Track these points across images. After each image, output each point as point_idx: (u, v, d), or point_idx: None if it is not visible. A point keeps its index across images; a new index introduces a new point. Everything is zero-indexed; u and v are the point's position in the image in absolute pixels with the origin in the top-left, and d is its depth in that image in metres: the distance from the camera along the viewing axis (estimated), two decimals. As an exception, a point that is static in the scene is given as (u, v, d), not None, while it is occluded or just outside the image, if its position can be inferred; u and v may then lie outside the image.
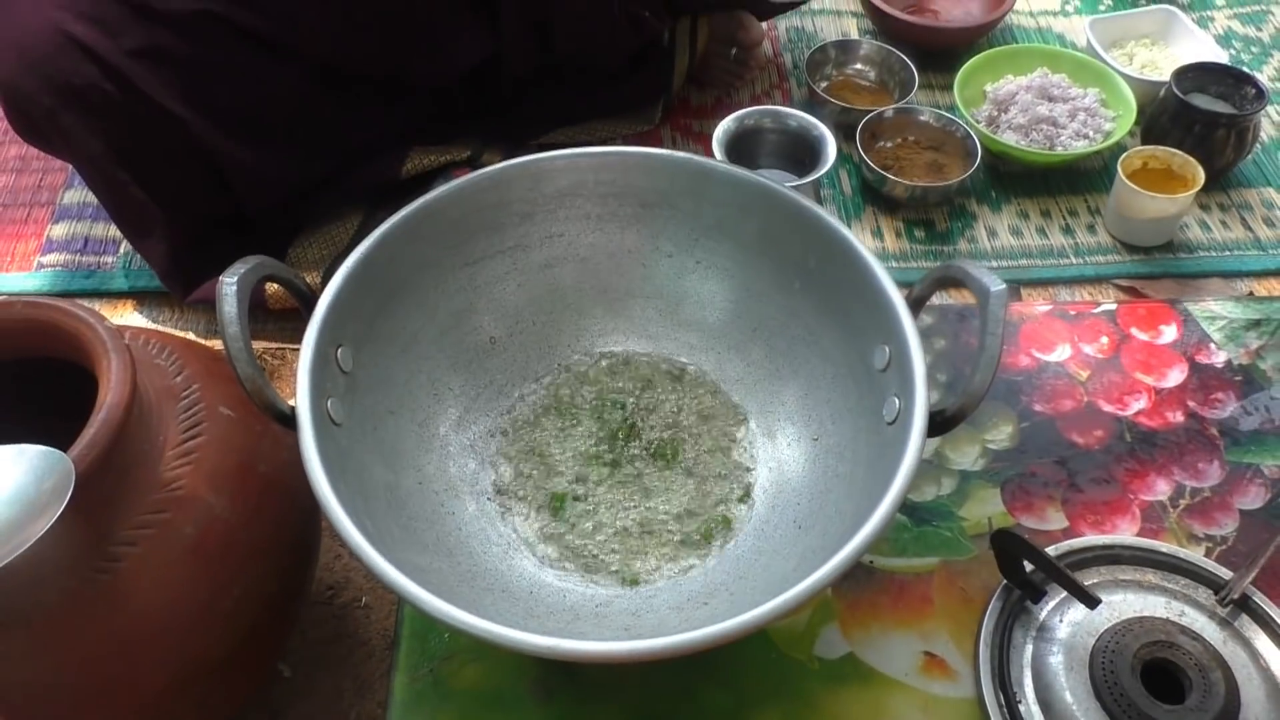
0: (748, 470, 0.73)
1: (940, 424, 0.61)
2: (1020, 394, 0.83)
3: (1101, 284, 1.08)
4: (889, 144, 1.17)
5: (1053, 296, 1.06)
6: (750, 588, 0.64)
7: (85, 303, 1.04)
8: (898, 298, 0.64)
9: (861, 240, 0.68)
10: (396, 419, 0.70)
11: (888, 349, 0.65)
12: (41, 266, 1.08)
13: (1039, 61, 1.23)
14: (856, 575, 0.72)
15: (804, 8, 1.36)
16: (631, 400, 0.76)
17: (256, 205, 1.00)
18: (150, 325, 1.03)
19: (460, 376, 0.75)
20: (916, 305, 0.65)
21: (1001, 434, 0.81)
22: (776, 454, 0.73)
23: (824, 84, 1.25)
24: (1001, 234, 1.12)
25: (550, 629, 0.61)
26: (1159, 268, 1.09)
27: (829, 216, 0.69)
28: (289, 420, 0.59)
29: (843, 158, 1.18)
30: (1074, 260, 1.10)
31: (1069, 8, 1.40)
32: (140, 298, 1.06)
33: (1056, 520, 0.76)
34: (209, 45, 0.91)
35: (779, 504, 0.70)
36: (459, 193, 0.72)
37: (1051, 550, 0.71)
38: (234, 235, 1.01)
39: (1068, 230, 1.13)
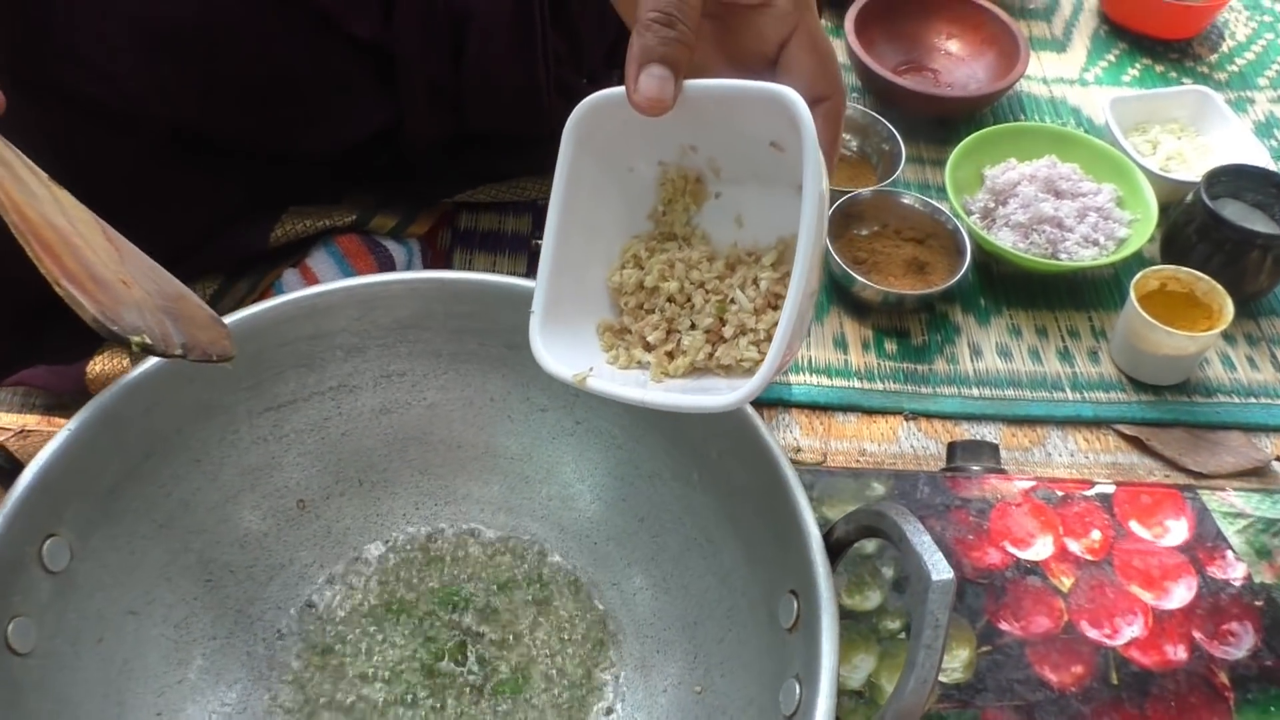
0: (605, 715, 0.55)
1: (851, 743, 0.43)
2: (984, 604, 0.65)
3: (1100, 428, 0.90)
4: (865, 232, 0.99)
5: (1041, 440, 0.88)
6: None
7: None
8: (814, 533, 0.47)
9: (821, 349, 0.51)
10: (139, 622, 0.52)
11: (796, 602, 0.47)
12: None
13: (1048, 146, 1.04)
14: None
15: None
16: (475, 600, 0.58)
17: None
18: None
19: (249, 554, 0.57)
20: (837, 551, 0.47)
21: (955, 660, 0.63)
22: (648, 700, 0.55)
23: (797, 149, 1.07)
24: (987, 353, 0.95)
25: None
26: (1170, 413, 0.91)
27: (747, 409, 0.51)
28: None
29: (809, 242, 1.00)
30: (1070, 395, 0.92)
31: (1088, 76, 1.22)
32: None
33: (1013, 791, 0.59)
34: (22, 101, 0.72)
35: (639, 781, 0.52)
36: (257, 322, 0.54)
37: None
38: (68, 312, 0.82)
39: (1065, 355, 0.95)
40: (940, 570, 0.40)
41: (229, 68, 0.73)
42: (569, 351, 0.46)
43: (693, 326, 0.46)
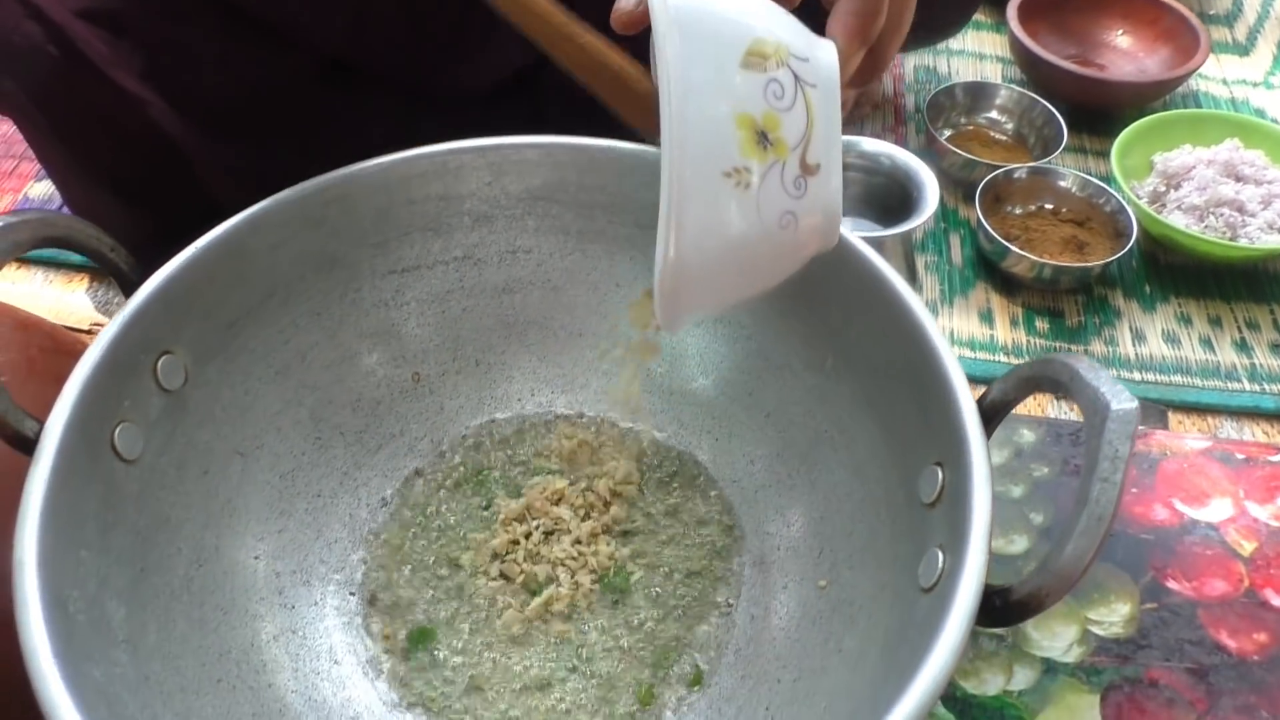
0: (724, 612, 0.51)
1: (1002, 609, 0.37)
2: (1148, 560, 0.58)
3: (1282, 422, 0.81)
4: (1018, 210, 0.93)
5: (1213, 430, 0.80)
6: (675, 805, 0.42)
7: (39, 272, 0.91)
8: (966, 399, 0.42)
9: (965, 320, 0.45)
10: (246, 465, 0.51)
11: (941, 473, 0.42)
12: (7, 227, 0.96)
13: (1229, 132, 0.97)
14: (862, 795, 0.49)
15: (938, 46, 1.14)
16: (588, 490, 0.55)
17: (228, 197, 0.83)
18: (88, 304, 0.88)
19: (361, 419, 0.55)
20: (994, 414, 0.42)
21: (1114, 614, 0.56)
22: (765, 596, 0.50)
23: (948, 132, 1.03)
24: (1151, 339, 0.87)
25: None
26: (1365, 411, 0.81)
27: (885, 267, 0.47)
28: (27, 444, 0.41)
29: (957, 221, 0.95)
30: (1248, 386, 0.83)
31: (1275, 80, 1.14)
32: (95, 274, 0.91)
33: (1181, 761, 0.51)
34: (180, 20, 0.75)
35: (751, 675, 0.47)
36: (388, 174, 0.53)
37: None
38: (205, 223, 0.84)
39: (1243, 347, 0.86)
40: (1121, 399, 0.35)
41: None
42: None
43: None
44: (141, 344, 0.45)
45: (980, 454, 0.40)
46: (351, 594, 0.51)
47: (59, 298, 0.87)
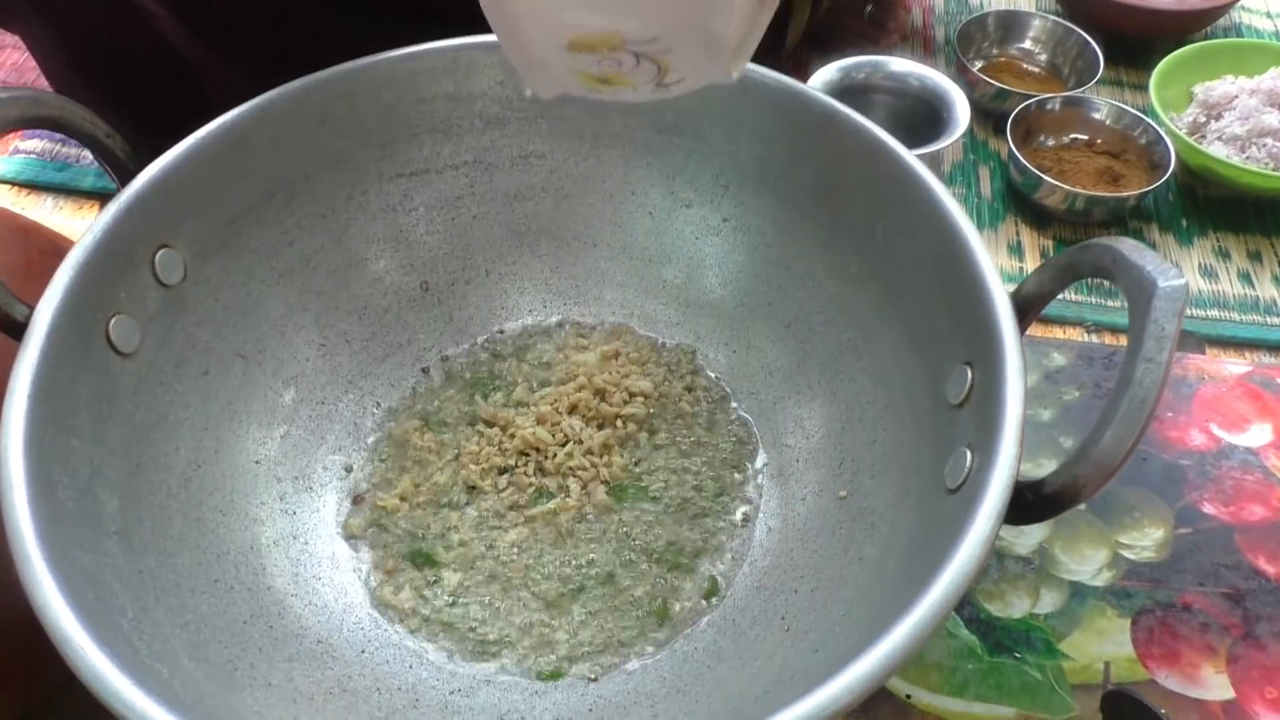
0: (740, 524, 0.49)
1: (1034, 504, 0.35)
2: (1183, 484, 0.56)
3: (1323, 357, 0.78)
4: (1050, 142, 0.90)
5: (1252, 364, 0.77)
6: (686, 711, 0.40)
7: (49, 198, 0.90)
8: (999, 292, 0.39)
9: (994, 253, 0.43)
10: (248, 368, 0.49)
11: (970, 372, 0.40)
12: (18, 151, 0.94)
13: (1272, 62, 0.93)
14: (881, 713, 0.47)
15: (971, -24, 1.10)
16: (602, 400, 0.53)
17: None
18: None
19: (367, 327, 0.54)
20: (1028, 308, 0.40)
21: (1146, 538, 0.54)
22: (783, 508, 0.48)
23: (979, 64, 0.99)
24: (1188, 273, 0.84)
25: (359, 718, 0.39)
26: None
27: (913, 160, 0.45)
28: (18, 329, 0.39)
29: (986, 153, 0.92)
30: (1287, 321, 0.80)
31: (1321, 13, 1.09)
32: (105, 201, 0.90)
33: (1215, 686, 0.49)
34: None
35: (767, 586, 0.45)
36: (395, 70, 0.51)
37: (1200, 734, 0.44)
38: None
39: (1283, 281, 0.83)
40: (1169, 276, 0.32)
41: None
42: None
43: None
44: (138, 234, 0.44)
45: (1013, 349, 0.38)
46: (354, 503, 0.49)
47: (66, 224, 0.86)
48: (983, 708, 0.48)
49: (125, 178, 0.45)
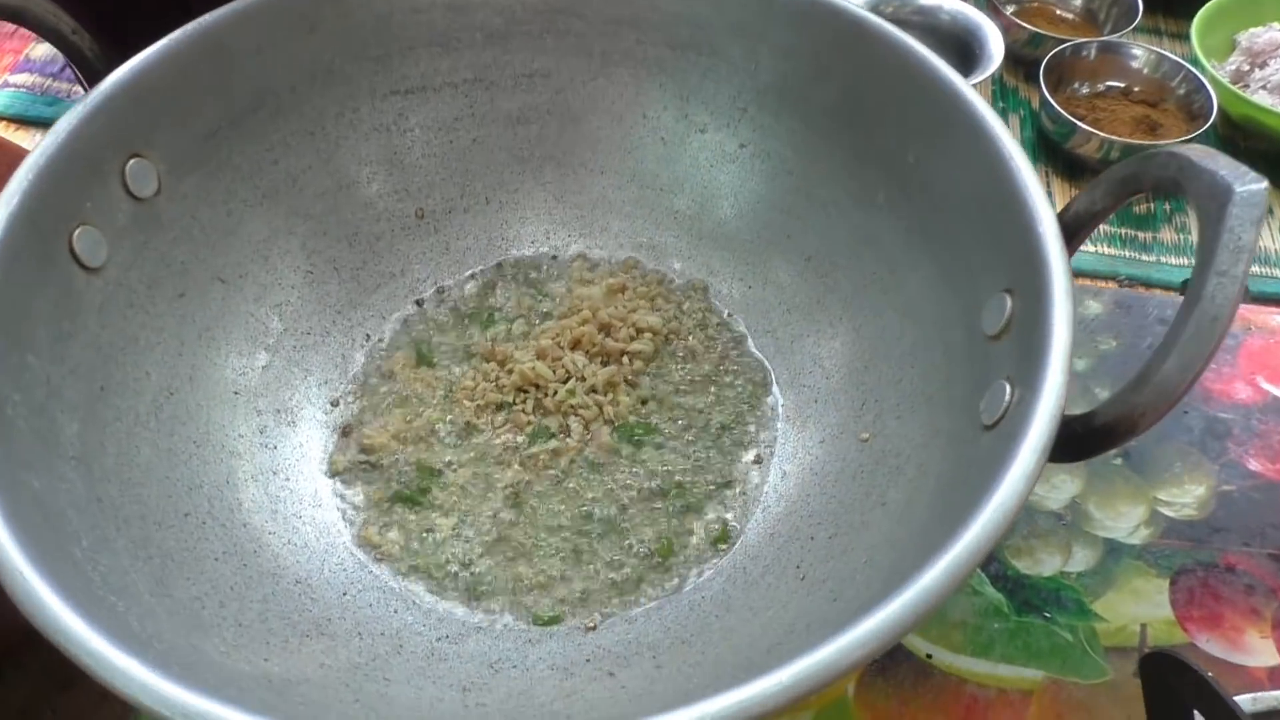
0: (752, 468, 0.45)
1: (1084, 437, 0.32)
2: (1227, 439, 0.52)
3: (1370, 316, 0.74)
4: (1084, 90, 0.86)
5: (1292, 322, 0.73)
6: (691, 662, 0.37)
7: (39, 134, 0.87)
8: (1045, 211, 0.36)
9: None
10: (228, 293, 0.46)
11: (1009, 300, 0.36)
12: (7, 85, 0.91)
13: (1323, 8, 0.88)
14: (900, 673, 0.44)
15: (1003, -80, 1.05)
16: (607, 337, 0.49)
17: None
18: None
19: (358, 255, 0.50)
20: (1077, 228, 0.36)
21: (1186, 495, 0.50)
22: (800, 452, 0.45)
23: (1012, 8, 0.95)
24: (1227, 228, 0.80)
25: (337, 662, 0.36)
26: None
27: (955, 77, 0.41)
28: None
29: (1017, 101, 0.88)
30: (1332, 277, 0.76)
31: (1370, -38, 1.04)
32: (96, 135, 0.87)
33: (1260, 651, 0.45)
34: None
35: (781, 533, 0.42)
36: (390, -25, 0.47)
37: (1244, 701, 0.41)
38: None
39: (1328, 237, 0.79)
40: (1247, 180, 0.29)
41: None
42: None
43: None
44: (106, 140, 0.40)
45: (1060, 271, 0.34)
46: (341, 438, 0.46)
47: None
48: (1008, 669, 0.45)
49: (94, 79, 0.41)
